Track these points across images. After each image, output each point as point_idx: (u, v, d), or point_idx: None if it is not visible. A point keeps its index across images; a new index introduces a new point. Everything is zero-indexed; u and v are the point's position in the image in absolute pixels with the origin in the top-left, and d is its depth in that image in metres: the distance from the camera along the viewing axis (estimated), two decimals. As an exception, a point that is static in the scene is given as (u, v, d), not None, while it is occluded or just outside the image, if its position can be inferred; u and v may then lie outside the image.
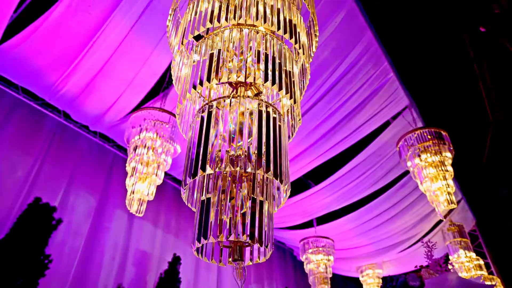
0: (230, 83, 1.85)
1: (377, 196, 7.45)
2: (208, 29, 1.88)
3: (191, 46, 1.97)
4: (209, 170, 1.32)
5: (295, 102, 1.60)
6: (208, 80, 1.51)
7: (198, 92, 1.93)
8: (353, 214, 7.78)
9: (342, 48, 4.69)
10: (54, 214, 5.10)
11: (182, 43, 1.72)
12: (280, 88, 1.54)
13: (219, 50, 1.59)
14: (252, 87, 1.84)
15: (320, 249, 7.08)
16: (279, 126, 1.52)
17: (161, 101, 5.14)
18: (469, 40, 5.13)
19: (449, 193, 4.88)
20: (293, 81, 1.67)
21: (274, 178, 1.33)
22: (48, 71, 5.15)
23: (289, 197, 7.73)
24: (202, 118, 1.49)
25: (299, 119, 1.69)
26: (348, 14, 4.40)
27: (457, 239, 7.18)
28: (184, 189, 1.45)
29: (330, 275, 7.00)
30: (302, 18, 1.92)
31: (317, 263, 6.95)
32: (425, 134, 5.14)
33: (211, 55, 1.64)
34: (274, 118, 1.52)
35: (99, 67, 5.09)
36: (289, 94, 1.55)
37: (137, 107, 5.46)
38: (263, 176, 1.41)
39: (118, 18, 4.48)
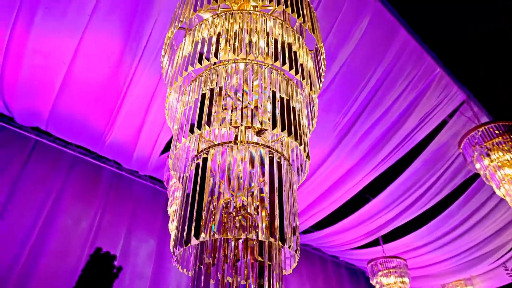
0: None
1: (448, 205, 6.59)
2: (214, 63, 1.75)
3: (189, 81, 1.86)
4: (194, 241, 1.14)
5: (296, 139, 1.36)
6: (198, 128, 1.35)
7: (199, 135, 1.79)
8: (424, 229, 6.96)
9: (375, 54, 4.30)
10: (114, 262, 5.27)
11: (171, 85, 1.61)
12: (274, 126, 1.32)
13: (204, 95, 1.44)
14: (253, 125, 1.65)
15: (392, 270, 6.39)
16: (279, 163, 1.30)
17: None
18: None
19: (536, 195, 4.10)
20: (295, 111, 1.44)
21: (272, 239, 1.10)
22: (94, 125, 5.48)
23: (348, 214, 7.26)
24: (191, 173, 1.33)
25: (307, 155, 1.44)
26: (375, 16, 4.04)
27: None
28: (175, 259, 1.27)
29: (409, 299, 6.25)
30: (300, 37, 1.70)
31: (390, 287, 6.27)
32: (492, 129, 4.44)
33: (202, 98, 1.50)
34: (271, 158, 1.30)
35: (137, 113, 5.28)
36: (287, 131, 1.33)
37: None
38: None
39: (145, 65, 4.63)
